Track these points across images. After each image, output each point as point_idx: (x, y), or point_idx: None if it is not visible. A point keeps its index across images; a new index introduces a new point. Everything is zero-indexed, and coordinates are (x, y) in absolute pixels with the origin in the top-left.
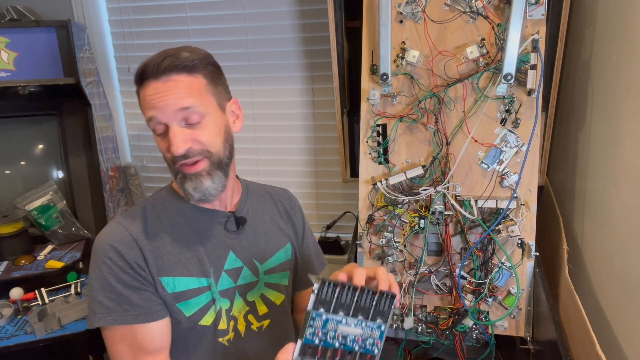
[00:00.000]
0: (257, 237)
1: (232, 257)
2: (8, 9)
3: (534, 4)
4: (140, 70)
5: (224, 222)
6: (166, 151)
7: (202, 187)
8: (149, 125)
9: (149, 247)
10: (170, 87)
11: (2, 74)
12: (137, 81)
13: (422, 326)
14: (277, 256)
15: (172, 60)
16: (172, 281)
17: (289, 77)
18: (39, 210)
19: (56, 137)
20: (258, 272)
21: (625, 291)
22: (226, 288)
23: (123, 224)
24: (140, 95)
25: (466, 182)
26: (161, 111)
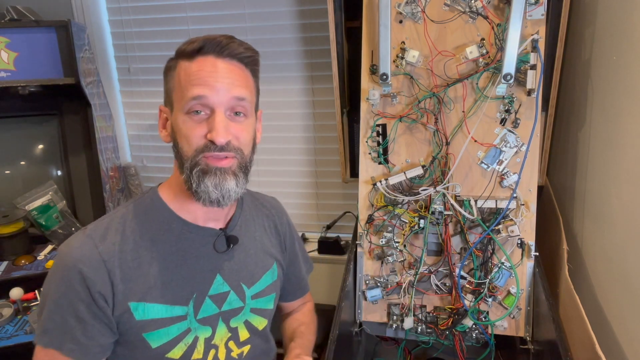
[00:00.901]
0: (247, 257)
1: (218, 281)
2: (8, 9)
3: (534, 4)
4: (199, 42)
5: (213, 241)
6: (199, 137)
7: (225, 186)
8: (187, 104)
9: (121, 268)
10: (232, 70)
11: (2, 74)
12: (189, 53)
13: (421, 326)
14: (264, 279)
15: (240, 46)
16: (143, 307)
17: (289, 77)
18: (39, 210)
19: (56, 137)
20: (245, 296)
21: (625, 291)
22: (209, 315)
23: (94, 240)
24: (184, 69)
25: (466, 182)
26: (215, 92)
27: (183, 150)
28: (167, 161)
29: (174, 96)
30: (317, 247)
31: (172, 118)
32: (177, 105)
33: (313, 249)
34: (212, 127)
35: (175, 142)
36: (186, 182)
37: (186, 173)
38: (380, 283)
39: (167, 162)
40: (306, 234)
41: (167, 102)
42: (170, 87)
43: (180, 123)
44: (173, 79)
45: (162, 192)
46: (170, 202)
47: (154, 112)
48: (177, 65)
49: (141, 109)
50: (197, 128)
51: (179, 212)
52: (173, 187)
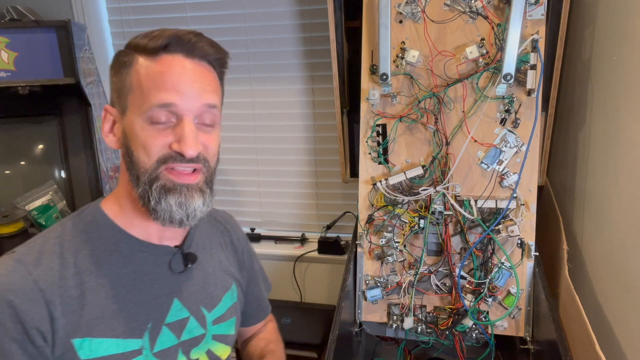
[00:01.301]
0: (206, 277)
1: (176, 306)
2: (8, 9)
3: (534, 4)
4: (165, 38)
5: (169, 260)
6: (162, 146)
7: (191, 205)
8: (149, 110)
9: (62, 298)
10: (202, 73)
11: (2, 74)
12: (152, 50)
13: (421, 326)
14: (224, 301)
15: (210, 46)
16: (89, 344)
17: (289, 77)
18: (39, 210)
19: (56, 137)
20: (206, 322)
21: (625, 291)
22: (167, 347)
23: (26, 265)
24: (145, 68)
25: (466, 182)
26: (185, 98)
27: (139, 161)
28: None
29: (129, 97)
30: (317, 247)
31: (123, 122)
32: (133, 109)
33: (313, 249)
34: (180, 137)
35: (127, 150)
36: (141, 198)
37: (142, 188)
38: (380, 283)
39: None
40: (306, 234)
41: (115, 103)
42: (123, 86)
43: (137, 129)
44: (128, 77)
45: (106, 207)
46: (116, 218)
47: None
48: (135, 61)
49: None
50: (159, 136)
51: (128, 229)
52: (120, 201)
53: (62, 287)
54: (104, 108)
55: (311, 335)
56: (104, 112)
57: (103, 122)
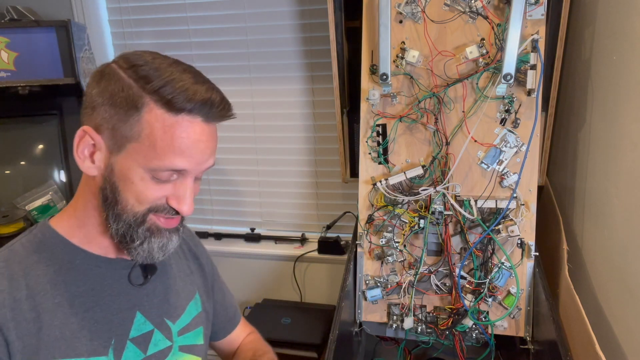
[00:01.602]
0: (168, 288)
1: (139, 320)
2: (8, 9)
3: (534, 4)
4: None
5: (127, 273)
6: (157, 198)
7: (170, 245)
8: (158, 168)
9: (16, 321)
10: (212, 138)
11: (2, 74)
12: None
13: (421, 326)
14: (188, 310)
15: (226, 106)
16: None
17: (289, 77)
18: (39, 210)
19: (56, 137)
20: (171, 334)
21: (625, 291)
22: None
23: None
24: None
25: (466, 182)
26: (195, 165)
27: (127, 204)
28: None
29: (133, 145)
30: (317, 247)
31: (114, 159)
32: (136, 157)
33: (313, 249)
34: (180, 197)
35: (112, 187)
36: (119, 235)
37: (125, 227)
38: (380, 283)
39: None
40: (306, 234)
41: (104, 131)
42: (125, 126)
43: (134, 177)
44: (137, 123)
45: (59, 225)
46: (71, 236)
47: None
48: (147, 107)
49: None
50: (157, 190)
51: (84, 246)
52: (79, 220)
53: (15, 309)
54: (82, 129)
55: (311, 335)
56: (81, 132)
57: (78, 143)
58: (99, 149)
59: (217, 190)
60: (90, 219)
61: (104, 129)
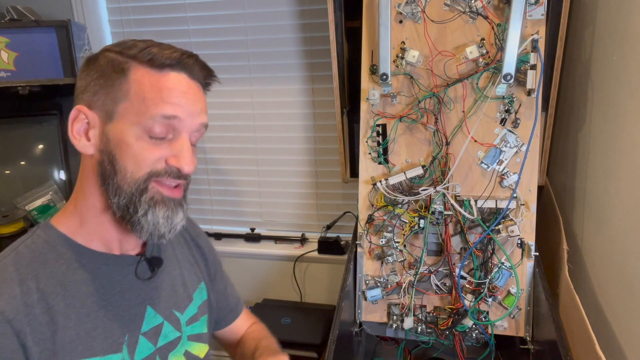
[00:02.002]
0: (174, 280)
1: (150, 314)
2: (8, 9)
3: (534, 4)
4: (175, 58)
5: (134, 269)
6: (156, 160)
7: (175, 219)
8: (151, 120)
9: (31, 326)
10: (200, 95)
11: (2, 74)
12: (158, 64)
13: (421, 326)
14: (195, 300)
15: (205, 70)
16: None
17: (289, 77)
18: (39, 210)
19: (56, 137)
20: (180, 325)
21: (625, 291)
22: (146, 356)
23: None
24: (148, 79)
25: (466, 182)
26: (188, 115)
27: (126, 171)
28: None
29: (122, 105)
30: (317, 247)
31: (108, 128)
32: (129, 117)
33: (313, 249)
34: (179, 153)
35: (110, 157)
36: (122, 208)
37: (127, 198)
38: (380, 283)
39: None
40: (306, 234)
41: (95, 106)
42: (113, 91)
43: (130, 139)
44: (124, 84)
45: (61, 225)
46: (74, 234)
47: None
48: (133, 69)
49: None
50: (155, 149)
51: (88, 244)
52: (80, 214)
53: (29, 315)
54: (75, 108)
55: (311, 335)
56: (74, 112)
57: (73, 122)
58: (92, 126)
59: (217, 190)
60: (92, 209)
61: (95, 102)
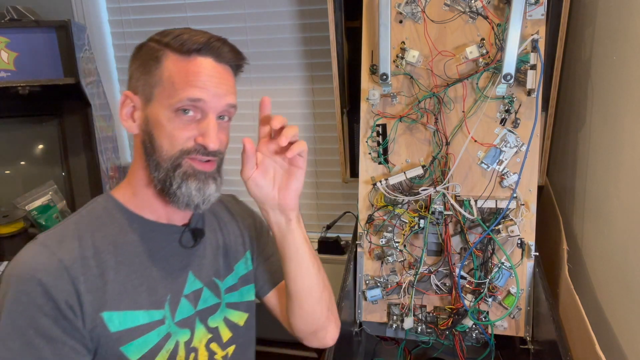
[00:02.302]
0: (216, 250)
1: (191, 279)
2: (8, 9)
3: (534, 4)
4: (200, 43)
5: (179, 237)
6: (186, 139)
7: (207, 190)
8: (179, 102)
9: (85, 276)
10: (226, 78)
11: (2, 74)
12: (185, 50)
13: (421, 326)
14: (237, 270)
15: (236, 54)
16: (117, 317)
17: (289, 77)
18: (39, 210)
19: (56, 137)
20: (219, 291)
21: (625, 291)
22: (186, 317)
23: (50, 248)
24: (177, 64)
25: (466, 182)
26: (213, 97)
27: (162, 149)
28: None
29: (157, 89)
30: (317, 247)
31: (147, 110)
32: (161, 100)
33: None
34: (205, 132)
35: (149, 136)
36: (161, 182)
37: (164, 173)
38: (380, 283)
39: None
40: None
41: (138, 90)
42: (151, 77)
43: (163, 120)
44: (158, 70)
45: (118, 194)
46: (128, 203)
47: None
48: (165, 56)
49: None
50: (185, 129)
51: (139, 212)
52: (133, 186)
53: (84, 266)
54: (123, 93)
55: None
56: (123, 97)
57: (122, 106)
58: (137, 109)
59: None
60: (141, 181)
61: (138, 87)
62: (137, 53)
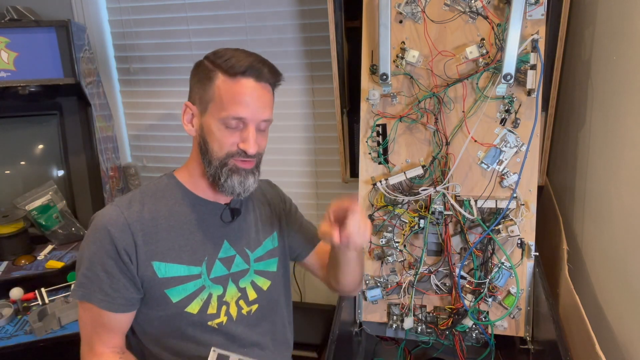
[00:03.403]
0: (249, 227)
1: (226, 246)
2: (8, 9)
3: (534, 4)
4: (244, 66)
5: (220, 213)
6: (231, 144)
7: (247, 182)
8: (226, 118)
9: (143, 232)
10: (264, 95)
11: (2, 74)
12: (232, 73)
13: (421, 326)
14: (265, 244)
15: (273, 74)
16: (164, 267)
17: (289, 77)
18: (39, 210)
19: (56, 137)
20: (249, 260)
21: (625, 291)
22: (219, 275)
23: (120, 207)
24: (225, 85)
25: (466, 182)
26: (252, 113)
27: (213, 151)
28: (167, 161)
29: (211, 104)
30: None
31: (202, 119)
32: (213, 113)
33: None
34: (245, 140)
35: (203, 140)
36: (212, 176)
37: (214, 169)
38: (380, 283)
39: (167, 162)
40: None
41: (196, 102)
42: (205, 93)
43: (214, 128)
44: (211, 89)
45: (178, 174)
46: (185, 182)
47: (154, 112)
48: (216, 76)
49: (141, 109)
50: (230, 136)
51: (193, 190)
52: (190, 170)
53: (144, 224)
54: (184, 104)
55: (311, 335)
56: (184, 107)
57: (183, 114)
58: (195, 116)
59: None
60: (196, 169)
61: (196, 100)
62: (196, 70)
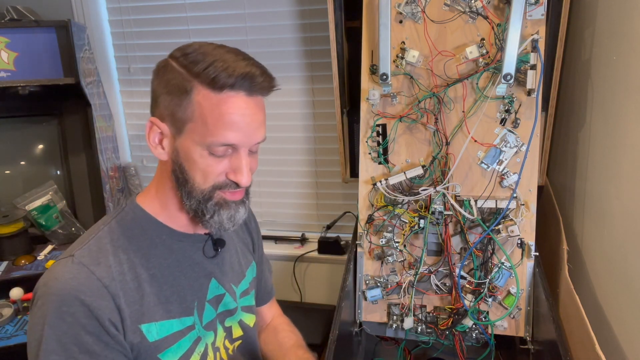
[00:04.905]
0: (232, 257)
1: (214, 285)
2: (8, 9)
3: (534, 4)
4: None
5: (202, 246)
6: (218, 174)
7: (237, 216)
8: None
9: (124, 291)
10: (258, 112)
11: (2, 74)
12: (218, 86)
13: (421, 326)
14: (247, 275)
15: (268, 82)
16: (154, 327)
17: (289, 77)
18: (39, 210)
19: (56, 137)
20: (236, 296)
21: (625, 291)
22: (210, 320)
23: (88, 267)
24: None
25: (466, 182)
26: (245, 138)
27: (195, 182)
28: None
29: (189, 125)
30: (317, 247)
31: (177, 142)
32: (193, 137)
33: (313, 249)
34: (237, 170)
35: (180, 168)
36: (194, 210)
37: (196, 203)
38: (380, 283)
39: None
40: (306, 234)
41: (166, 119)
42: (179, 109)
43: (195, 155)
44: (189, 105)
45: (145, 204)
46: (156, 214)
47: None
48: (194, 89)
49: (141, 109)
50: (216, 165)
51: (168, 223)
52: (161, 200)
53: (122, 281)
54: (149, 120)
55: (311, 335)
56: (149, 123)
57: (149, 132)
58: (165, 136)
59: None
60: (170, 199)
61: (166, 116)
62: (162, 74)
